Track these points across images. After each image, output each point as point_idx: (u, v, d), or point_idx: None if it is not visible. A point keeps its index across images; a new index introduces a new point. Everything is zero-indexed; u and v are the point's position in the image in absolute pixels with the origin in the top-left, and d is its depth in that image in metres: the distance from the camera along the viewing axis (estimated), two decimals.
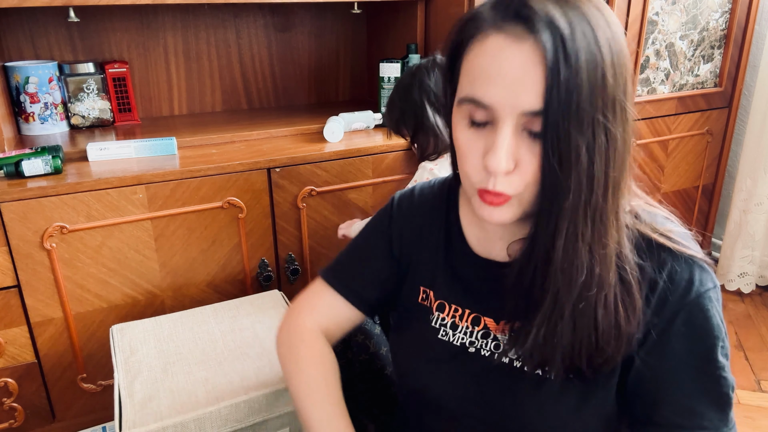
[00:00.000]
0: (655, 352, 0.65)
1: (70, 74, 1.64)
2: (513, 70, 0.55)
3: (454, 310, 0.76)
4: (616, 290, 0.62)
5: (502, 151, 0.57)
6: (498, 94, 0.57)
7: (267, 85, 1.97)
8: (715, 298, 0.65)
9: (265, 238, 1.48)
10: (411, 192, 0.86)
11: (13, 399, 1.34)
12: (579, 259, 0.60)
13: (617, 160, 0.59)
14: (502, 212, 0.62)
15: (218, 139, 1.57)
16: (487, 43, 0.58)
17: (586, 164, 0.56)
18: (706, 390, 0.65)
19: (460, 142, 0.63)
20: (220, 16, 1.82)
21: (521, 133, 0.58)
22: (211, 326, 1.19)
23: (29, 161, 1.25)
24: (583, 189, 0.57)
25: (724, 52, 1.99)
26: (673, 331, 0.64)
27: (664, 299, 0.64)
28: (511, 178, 0.59)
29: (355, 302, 0.85)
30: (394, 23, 1.87)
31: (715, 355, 0.64)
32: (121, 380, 1.03)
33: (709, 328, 0.64)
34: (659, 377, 0.65)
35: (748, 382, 1.71)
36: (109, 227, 1.30)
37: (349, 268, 0.87)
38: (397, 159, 1.57)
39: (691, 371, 0.65)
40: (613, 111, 0.57)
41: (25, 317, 1.29)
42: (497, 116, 0.58)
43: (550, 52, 0.54)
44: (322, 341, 0.86)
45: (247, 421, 0.99)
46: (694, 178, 2.13)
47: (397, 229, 0.83)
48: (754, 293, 2.18)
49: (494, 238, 0.73)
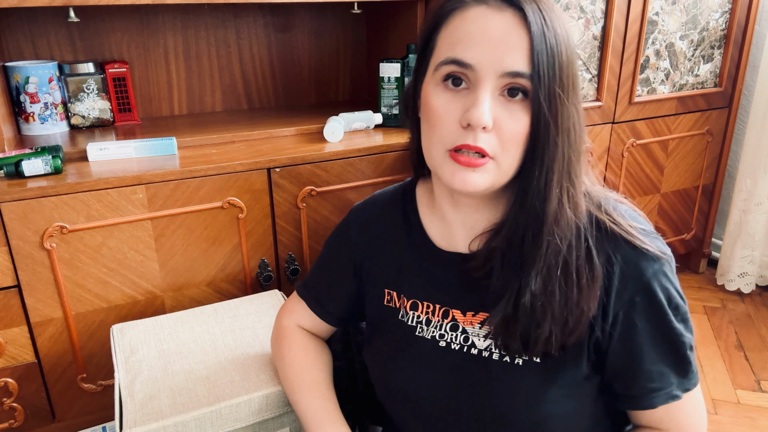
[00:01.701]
0: (625, 335, 0.69)
1: (70, 74, 1.64)
2: (497, 32, 0.61)
3: (426, 307, 0.77)
4: (581, 252, 0.66)
5: (483, 105, 0.61)
6: (481, 54, 0.61)
7: (267, 85, 1.97)
8: (668, 270, 0.69)
9: (265, 238, 1.48)
10: (366, 202, 0.89)
11: (13, 399, 1.34)
12: (566, 216, 0.65)
13: (581, 127, 0.66)
14: (476, 177, 0.64)
15: (218, 139, 1.57)
16: (469, 12, 0.63)
17: (573, 122, 0.63)
18: (667, 355, 0.69)
19: (436, 106, 0.65)
20: (220, 16, 1.82)
21: (497, 97, 0.62)
22: (211, 326, 1.19)
23: (29, 161, 1.25)
24: (566, 147, 0.63)
25: (724, 52, 1.99)
26: (636, 312, 0.68)
27: (626, 275, 0.68)
28: (489, 137, 0.62)
29: (323, 316, 0.91)
30: (394, 23, 1.87)
31: (670, 323, 0.69)
32: (121, 380, 1.03)
33: (663, 301, 0.68)
34: (631, 355, 0.69)
35: (748, 382, 1.71)
36: (109, 227, 1.30)
37: (316, 283, 0.92)
38: (397, 159, 1.57)
39: (654, 341, 0.69)
40: (576, 84, 0.65)
41: (25, 317, 1.29)
42: (478, 76, 0.62)
43: (532, 19, 0.60)
44: (304, 336, 0.93)
45: (247, 421, 0.99)
46: (694, 178, 2.13)
47: (355, 242, 0.86)
48: (754, 293, 2.18)
49: (456, 228, 0.75)
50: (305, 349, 0.90)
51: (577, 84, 0.65)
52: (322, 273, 0.91)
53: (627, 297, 0.68)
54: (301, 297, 0.93)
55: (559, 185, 0.64)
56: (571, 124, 0.63)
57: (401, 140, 1.58)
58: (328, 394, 0.85)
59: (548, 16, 0.61)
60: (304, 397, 0.85)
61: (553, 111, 0.61)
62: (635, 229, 0.69)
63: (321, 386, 0.86)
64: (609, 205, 0.70)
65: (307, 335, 0.93)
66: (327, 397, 0.84)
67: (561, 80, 0.61)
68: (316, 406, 0.83)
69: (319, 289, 0.91)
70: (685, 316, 0.71)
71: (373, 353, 0.83)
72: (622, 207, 0.72)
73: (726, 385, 1.70)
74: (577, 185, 0.66)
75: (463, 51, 0.62)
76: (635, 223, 0.70)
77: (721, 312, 2.06)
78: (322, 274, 0.91)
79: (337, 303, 0.90)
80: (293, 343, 0.91)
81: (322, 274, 0.91)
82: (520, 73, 0.60)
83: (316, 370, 0.88)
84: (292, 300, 0.95)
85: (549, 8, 0.62)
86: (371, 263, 0.84)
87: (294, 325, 0.94)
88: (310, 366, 0.88)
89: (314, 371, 0.88)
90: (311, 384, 0.86)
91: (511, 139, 0.62)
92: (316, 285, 0.92)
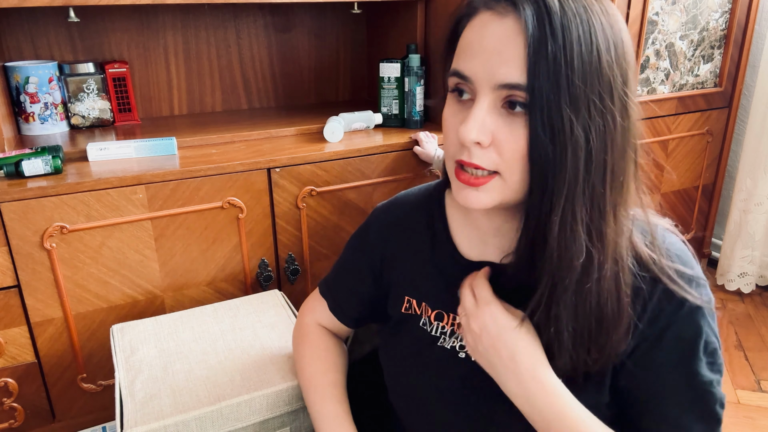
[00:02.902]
0: (645, 361, 0.65)
1: (70, 74, 1.64)
2: (492, 42, 0.56)
3: (453, 319, 0.74)
4: (610, 284, 0.61)
5: (473, 121, 0.57)
6: (476, 66, 0.58)
7: (267, 85, 1.97)
8: (708, 314, 0.64)
9: (265, 238, 1.48)
10: (389, 204, 0.85)
11: (13, 399, 1.34)
12: (577, 242, 0.58)
13: (616, 148, 0.57)
14: (479, 195, 0.60)
15: (218, 139, 1.57)
16: (476, 20, 0.59)
17: (583, 142, 0.55)
18: (693, 404, 0.65)
19: (445, 116, 0.63)
20: (220, 16, 1.82)
21: (499, 109, 0.58)
22: (211, 326, 1.19)
23: (29, 161, 1.25)
24: (580, 168, 0.56)
25: (724, 52, 1.99)
26: (663, 343, 0.64)
27: (658, 312, 0.63)
28: (488, 153, 0.58)
29: (341, 318, 0.90)
30: (394, 23, 1.87)
31: (701, 369, 0.64)
32: (122, 379, 1.03)
33: (698, 344, 0.64)
34: (647, 386, 0.65)
35: (748, 382, 1.71)
36: (109, 227, 1.30)
37: (336, 283, 0.91)
38: (397, 159, 1.57)
39: (678, 384, 0.64)
40: (611, 97, 0.56)
41: (25, 317, 1.29)
42: (475, 89, 0.58)
43: (531, 25, 0.54)
44: (324, 335, 0.92)
45: (247, 421, 0.99)
46: (694, 178, 2.13)
47: (374, 246, 0.83)
48: (754, 293, 2.18)
49: (487, 236, 0.71)
50: (325, 350, 0.90)
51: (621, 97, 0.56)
52: (341, 274, 0.90)
53: (656, 329, 0.63)
54: (322, 295, 0.92)
55: (569, 211, 0.57)
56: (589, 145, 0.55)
57: (401, 140, 1.58)
58: (342, 398, 0.85)
59: (559, 20, 0.53)
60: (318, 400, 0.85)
61: (555, 127, 0.54)
62: (680, 275, 0.63)
63: (336, 390, 0.85)
64: (657, 239, 0.64)
65: (327, 335, 0.92)
66: (340, 401, 0.84)
67: (570, 93, 0.54)
68: (329, 409, 0.83)
69: (339, 290, 0.90)
70: (721, 369, 0.65)
71: (390, 356, 0.82)
72: (671, 243, 0.66)
73: (726, 385, 1.70)
74: (604, 217, 0.58)
75: (464, 62, 0.59)
76: (681, 267, 0.64)
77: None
78: (341, 275, 0.90)
79: (354, 305, 0.88)
80: (313, 342, 0.91)
81: (342, 275, 0.90)
82: (516, 85, 0.55)
83: (332, 372, 0.87)
84: (314, 297, 0.94)
85: (565, 9, 0.54)
86: (391, 268, 0.82)
87: (315, 324, 0.93)
88: (327, 368, 0.88)
89: (330, 374, 0.87)
90: (327, 386, 0.85)
91: (511, 154, 0.57)
92: (336, 285, 0.91)
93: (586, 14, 0.55)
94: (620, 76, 0.56)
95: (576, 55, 0.54)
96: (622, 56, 0.57)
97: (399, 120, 1.73)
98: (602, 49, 0.55)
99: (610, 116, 0.56)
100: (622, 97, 0.57)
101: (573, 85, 0.54)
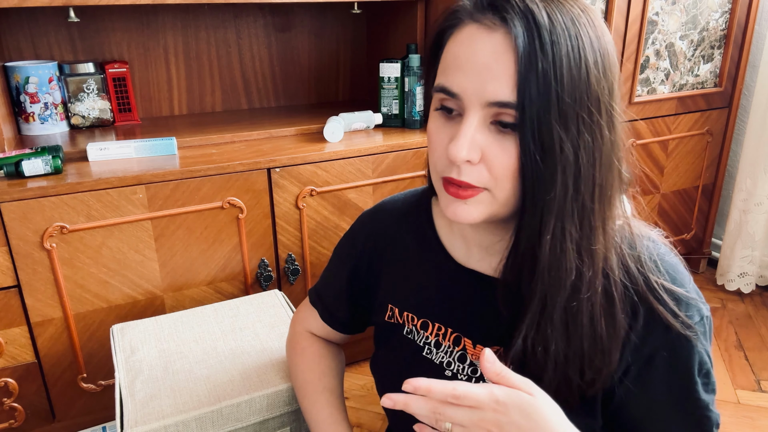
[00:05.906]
0: (638, 382, 0.63)
1: (70, 74, 1.64)
2: (482, 58, 0.54)
3: (437, 329, 0.73)
4: (602, 300, 0.60)
5: (463, 139, 0.55)
6: (465, 83, 0.56)
7: (267, 85, 1.97)
8: (702, 332, 0.63)
9: (265, 238, 1.48)
10: (376, 210, 0.85)
11: (13, 399, 1.34)
12: (567, 259, 0.57)
13: (604, 162, 0.57)
14: (468, 209, 0.59)
15: (218, 139, 1.57)
16: (462, 32, 0.57)
17: (573, 159, 0.55)
18: (687, 428, 0.64)
19: (431, 130, 0.61)
20: (220, 16, 1.82)
21: (489, 126, 0.56)
22: (211, 326, 1.19)
23: (29, 161, 1.25)
24: (569, 185, 0.55)
25: (724, 52, 1.99)
26: (656, 363, 0.63)
27: (649, 329, 0.62)
28: (478, 170, 0.57)
29: (332, 325, 0.90)
30: (394, 23, 1.87)
31: (697, 393, 0.63)
32: (122, 379, 1.03)
33: (692, 365, 0.63)
34: (640, 407, 0.64)
35: (748, 382, 1.71)
36: (109, 227, 1.30)
37: (325, 291, 0.90)
38: (397, 159, 1.57)
39: (672, 407, 0.64)
40: (599, 110, 0.55)
41: (25, 317, 1.29)
42: (463, 106, 0.56)
43: (522, 42, 0.52)
44: (316, 343, 0.92)
45: (247, 421, 0.99)
46: (694, 178, 2.13)
47: (360, 252, 0.83)
48: (754, 293, 2.18)
49: (472, 246, 0.70)
50: (319, 356, 0.89)
51: (607, 109, 0.56)
52: (329, 281, 0.90)
53: (646, 351, 0.62)
54: (312, 304, 0.92)
55: (560, 229, 0.56)
56: (579, 161, 0.55)
57: (401, 140, 1.58)
58: (337, 403, 0.84)
59: (548, 34, 0.52)
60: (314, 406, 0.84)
61: (546, 145, 0.54)
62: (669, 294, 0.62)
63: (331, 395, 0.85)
64: (650, 256, 0.63)
65: (320, 342, 0.92)
66: (335, 406, 0.83)
67: (560, 110, 0.53)
68: (325, 415, 0.82)
69: (328, 297, 0.89)
70: (714, 387, 0.64)
71: (378, 365, 0.82)
72: (660, 255, 0.64)
73: (726, 385, 1.70)
74: (594, 233, 0.58)
75: (451, 78, 0.57)
76: (671, 285, 0.63)
77: (721, 312, 2.06)
78: (329, 282, 0.89)
79: (344, 311, 0.88)
80: (305, 350, 0.91)
81: (330, 282, 0.89)
82: (505, 103, 0.53)
83: (327, 377, 0.87)
84: (305, 306, 0.94)
85: (554, 23, 0.53)
86: (376, 275, 0.81)
87: (307, 333, 0.93)
88: (321, 373, 0.87)
89: (325, 378, 0.87)
90: (321, 393, 0.85)
91: (501, 171, 0.56)
92: (325, 293, 0.90)
93: (574, 27, 0.54)
94: (607, 89, 0.56)
95: (566, 70, 0.53)
96: (608, 68, 0.56)
97: (399, 120, 1.73)
98: (590, 63, 0.54)
99: (598, 130, 0.56)
100: (609, 110, 0.57)
101: (562, 101, 0.53)
